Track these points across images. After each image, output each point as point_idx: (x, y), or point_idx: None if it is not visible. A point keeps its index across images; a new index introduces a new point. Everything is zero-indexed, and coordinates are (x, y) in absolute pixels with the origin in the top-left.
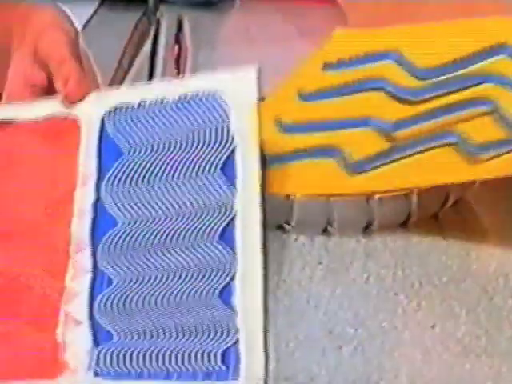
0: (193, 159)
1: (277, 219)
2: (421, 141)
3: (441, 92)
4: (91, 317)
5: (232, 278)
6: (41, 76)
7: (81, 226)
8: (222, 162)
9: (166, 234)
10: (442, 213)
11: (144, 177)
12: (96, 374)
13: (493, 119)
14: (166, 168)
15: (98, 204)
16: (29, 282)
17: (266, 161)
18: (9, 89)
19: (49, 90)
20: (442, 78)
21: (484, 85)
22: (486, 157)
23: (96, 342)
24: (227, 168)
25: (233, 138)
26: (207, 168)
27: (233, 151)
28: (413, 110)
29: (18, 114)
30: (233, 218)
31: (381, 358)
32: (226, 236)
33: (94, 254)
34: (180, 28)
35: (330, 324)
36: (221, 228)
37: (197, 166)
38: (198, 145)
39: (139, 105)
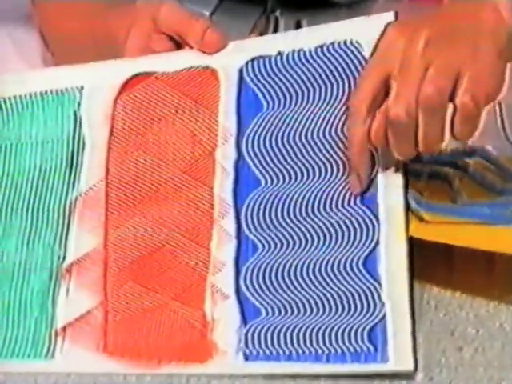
0: (331, 114)
1: None
2: None
3: None
4: (238, 290)
5: (376, 243)
6: (162, 42)
7: (223, 186)
8: None
9: (308, 194)
10: None
11: (284, 133)
12: (246, 358)
13: None
14: (305, 124)
15: (239, 162)
16: (175, 250)
17: None
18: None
19: None
20: None
21: None
22: None
23: (244, 319)
24: None
25: None
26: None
27: None
28: None
29: (158, 67)
30: (373, 180)
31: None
32: (368, 199)
33: (237, 218)
34: (298, 28)
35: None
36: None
37: (336, 121)
38: (337, 97)
39: (277, 55)
